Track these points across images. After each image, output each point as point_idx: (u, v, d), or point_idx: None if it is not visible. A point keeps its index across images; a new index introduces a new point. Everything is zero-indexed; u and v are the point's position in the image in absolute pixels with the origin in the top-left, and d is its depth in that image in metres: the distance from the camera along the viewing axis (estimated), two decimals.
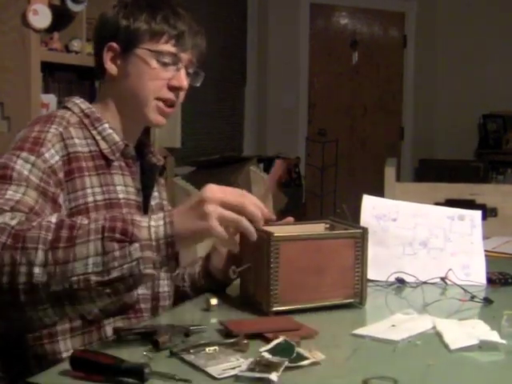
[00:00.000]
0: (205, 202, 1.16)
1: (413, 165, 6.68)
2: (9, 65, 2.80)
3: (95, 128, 1.46)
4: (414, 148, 6.72)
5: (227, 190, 1.20)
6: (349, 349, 1.23)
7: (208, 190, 1.18)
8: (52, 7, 2.86)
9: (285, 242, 1.39)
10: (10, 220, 1.15)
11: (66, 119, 1.45)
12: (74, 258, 1.11)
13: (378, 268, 1.68)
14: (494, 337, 1.25)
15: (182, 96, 1.50)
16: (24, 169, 1.31)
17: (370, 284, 1.56)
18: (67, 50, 3.08)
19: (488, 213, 2.58)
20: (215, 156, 5.00)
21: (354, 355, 1.19)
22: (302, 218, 1.69)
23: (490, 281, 1.74)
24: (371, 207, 1.81)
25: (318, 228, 1.57)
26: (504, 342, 1.23)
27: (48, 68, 2.97)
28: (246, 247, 1.46)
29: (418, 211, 1.82)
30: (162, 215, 1.17)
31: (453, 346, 1.22)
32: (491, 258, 1.87)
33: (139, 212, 1.48)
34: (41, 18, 2.79)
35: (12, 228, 1.13)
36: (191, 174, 4.63)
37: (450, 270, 1.72)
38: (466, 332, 1.29)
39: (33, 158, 1.33)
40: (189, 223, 1.16)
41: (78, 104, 1.49)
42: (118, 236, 1.12)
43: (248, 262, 1.44)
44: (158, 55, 1.45)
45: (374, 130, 6.60)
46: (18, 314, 1.17)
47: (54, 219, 1.16)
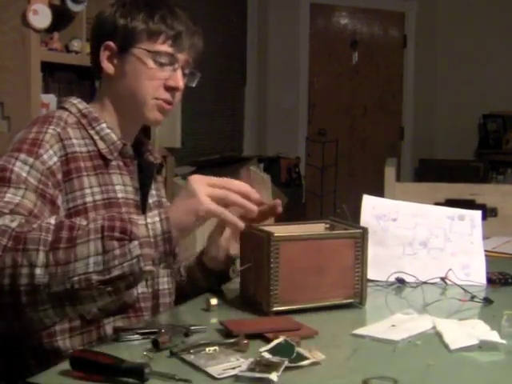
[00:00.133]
0: (193, 191, 1.21)
1: (413, 165, 6.67)
2: (9, 65, 2.79)
3: (93, 128, 1.46)
4: (414, 148, 6.72)
5: (211, 177, 1.26)
6: (349, 349, 1.23)
7: (192, 178, 1.25)
8: (52, 7, 2.85)
9: (285, 241, 1.39)
10: (11, 222, 1.16)
11: (64, 119, 1.44)
12: (75, 258, 1.12)
13: (378, 268, 1.68)
14: (493, 337, 1.25)
15: (178, 96, 1.50)
16: (22, 171, 1.31)
17: (370, 284, 1.56)
18: (67, 49, 3.08)
19: (488, 213, 2.58)
20: (215, 156, 5.00)
21: (353, 355, 1.20)
22: (301, 218, 1.69)
23: (490, 281, 1.74)
24: (371, 207, 1.81)
25: (318, 228, 1.57)
26: (504, 342, 1.23)
27: (48, 68, 2.97)
28: (246, 247, 1.46)
29: (417, 211, 1.82)
30: (156, 212, 1.20)
31: (453, 346, 1.22)
32: (491, 258, 1.87)
33: (137, 211, 1.49)
34: (41, 17, 2.79)
35: (13, 230, 1.14)
36: (191, 174, 4.62)
37: (450, 269, 1.72)
38: (465, 332, 1.29)
39: (31, 160, 1.33)
40: (183, 212, 1.20)
41: (75, 104, 1.48)
42: (117, 235, 1.14)
43: (248, 262, 1.44)
44: (155, 55, 1.45)
45: (374, 129, 6.60)
46: (19, 316, 1.17)
47: (53, 221, 1.18)
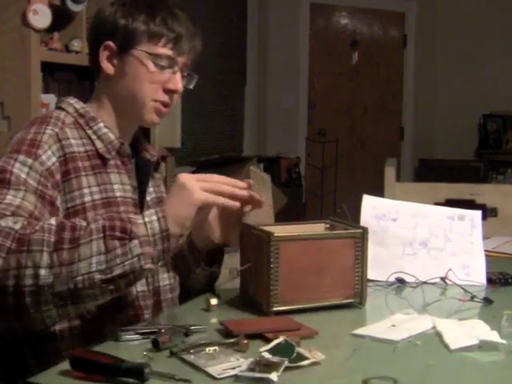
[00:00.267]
0: (184, 185, 1.25)
1: (413, 165, 6.67)
2: (9, 65, 2.80)
3: (90, 127, 1.46)
4: (414, 148, 6.72)
5: (198, 174, 1.31)
6: (349, 349, 1.23)
7: (181, 175, 1.27)
8: (52, 7, 2.86)
9: (285, 241, 1.39)
10: (14, 224, 1.17)
11: (61, 120, 1.44)
12: (79, 258, 1.15)
13: (378, 268, 1.68)
14: (493, 337, 1.25)
15: (176, 98, 1.50)
16: (22, 172, 1.31)
17: (370, 284, 1.56)
18: (67, 49, 3.08)
19: (488, 213, 2.58)
20: (215, 156, 5.01)
21: (353, 355, 1.20)
22: (301, 218, 1.69)
23: (490, 281, 1.74)
24: (371, 207, 1.81)
25: (318, 228, 1.57)
26: (504, 342, 1.23)
27: (48, 68, 2.97)
28: (246, 247, 1.46)
29: (418, 211, 1.82)
30: (153, 211, 1.23)
31: (453, 346, 1.22)
32: (491, 258, 1.87)
33: (136, 209, 1.49)
34: (41, 17, 2.79)
35: (16, 232, 1.16)
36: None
37: (450, 269, 1.72)
38: (465, 332, 1.29)
39: (30, 161, 1.33)
40: (178, 206, 1.24)
41: (72, 104, 1.48)
42: (118, 234, 1.17)
43: (248, 262, 1.44)
44: (155, 58, 1.44)
45: (373, 130, 6.59)
46: (21, 316, 1.18)
47: (54, 221, 1.19)
